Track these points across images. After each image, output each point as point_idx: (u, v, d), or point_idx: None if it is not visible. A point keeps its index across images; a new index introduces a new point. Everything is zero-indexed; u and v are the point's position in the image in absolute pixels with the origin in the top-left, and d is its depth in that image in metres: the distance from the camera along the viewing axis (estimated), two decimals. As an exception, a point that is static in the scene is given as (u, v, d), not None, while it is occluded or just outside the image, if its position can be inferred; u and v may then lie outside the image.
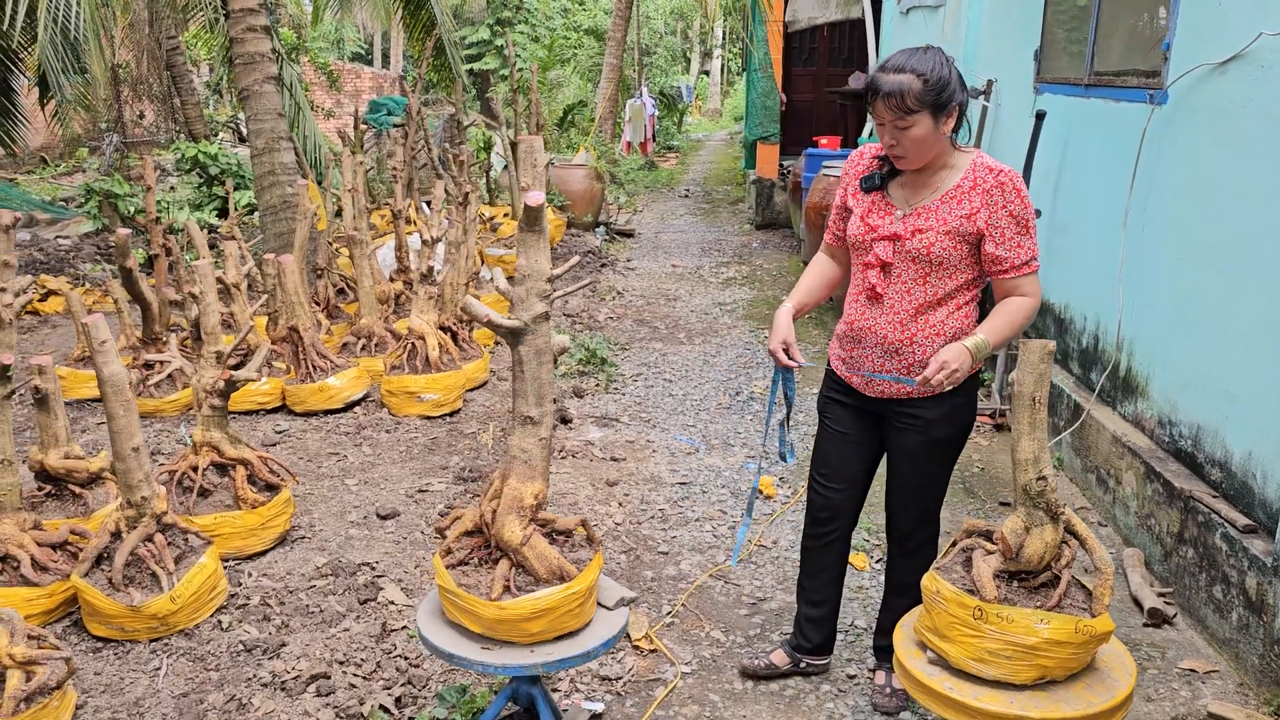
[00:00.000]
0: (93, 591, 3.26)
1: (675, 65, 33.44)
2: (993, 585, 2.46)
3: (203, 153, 12.65)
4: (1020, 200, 2.62)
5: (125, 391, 3.16)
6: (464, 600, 2.37)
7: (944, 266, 2.69)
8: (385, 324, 6.30)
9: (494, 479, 2.52)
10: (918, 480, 2.96)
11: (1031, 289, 2.70)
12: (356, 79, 23.01)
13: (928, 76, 2.52)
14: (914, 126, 2.55)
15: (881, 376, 2.83)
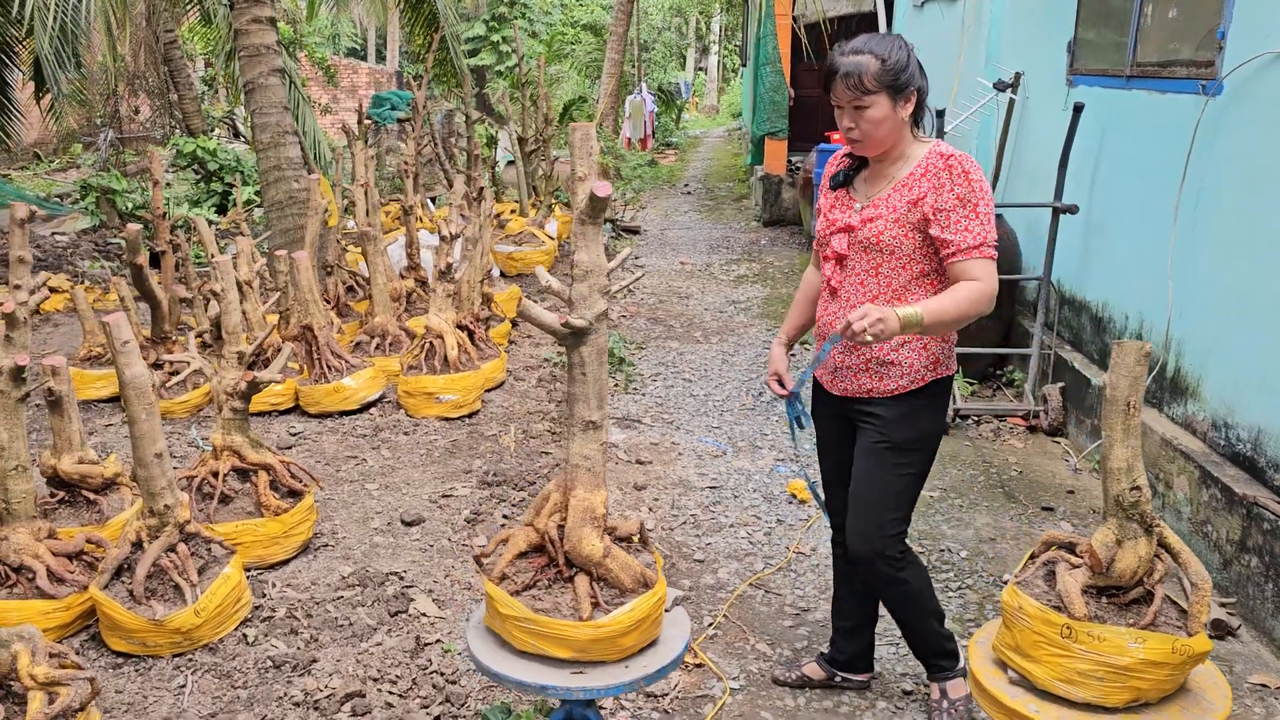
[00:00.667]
0: (113, 605, 3.10)
1: (672, 61, 33.30)
2: (1082, 602, 2.32)
3: (201, 148, 12.46)
4: (968, 182, 2.51)
5: (148, 394, 3.00)
6: (549, 626, 2.19)
7: (896, 256, 2.59)
8: (399, 322, 6.14)
9: (549, 492, 2.36)
10: (870, 487, 2.72)
11: (981, 273, 2.52)
12: (353, 74, 22.79)
13: (886, 58, 2.48)
14: (871, 108, 2.50)
15: (825, 348, 2.70)
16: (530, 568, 2.30)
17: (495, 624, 2.30)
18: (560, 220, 10.02)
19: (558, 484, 2.34)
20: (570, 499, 2.28)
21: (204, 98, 19.55)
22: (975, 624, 3.55)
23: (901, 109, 2.53)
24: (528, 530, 2.31)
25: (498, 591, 2.23)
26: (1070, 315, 5.47)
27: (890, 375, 2.67)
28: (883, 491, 2.73)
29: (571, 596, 2.25)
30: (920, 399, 2.68)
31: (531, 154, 9.95)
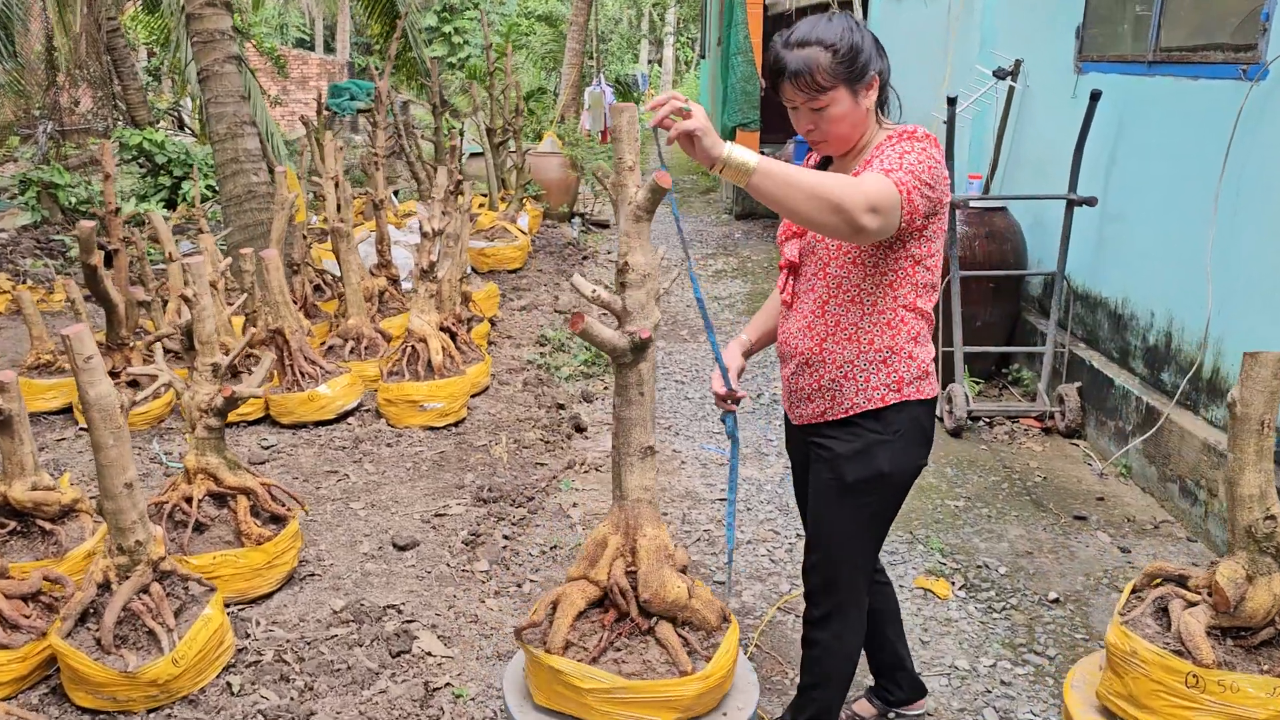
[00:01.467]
0: (78, 656, 2.71)
1: (628, 54, 32.96)
2: (1209, 646, 2.05)
3: (148, 140, 11.87)
4: (907, 136, 2.15)
5: (116, 417, 2.62)
6: (650, 690, 1.86)
7: (842, 256, 2.23)
8: (373, 324, 5.75)
9: (603, 536, 2.02)
10: (824, 531, 2.41)
11: (866, 177, 2.04)
12: (303, 65, 22.13)
13: (837, 46, 2.13)
14: (830, 105, 2.16)
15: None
16: (595, 628, 1.97)
17: (559, 701, 1.93)
18: (531, 215, 9.64)
19: (614, 525, 2.01)
20: (639, 540, 1.96)
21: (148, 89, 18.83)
22: (1028, 649, 3.30)
23: (864, 98, 2.19)
24: (583, 585, 1.96)
25: (569, 664, 1.87)
26: (1084, 312, 5.24)
27: (843, 393, 2.30)
28: (836, 536, 2.39)
29: (658, 650, 1.92)
30: (878, 429, 2.30)
31: (500, 145, 9.56)
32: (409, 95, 17.80)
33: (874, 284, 2.24)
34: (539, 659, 1.89)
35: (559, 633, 1.91)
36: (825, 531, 2.41)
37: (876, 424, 2.30)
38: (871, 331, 2.26)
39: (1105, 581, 3.72)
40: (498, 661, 3.12)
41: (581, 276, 1.96)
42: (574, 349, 6.49)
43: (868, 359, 2.28)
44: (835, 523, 2.38)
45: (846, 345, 2.28)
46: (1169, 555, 3.90)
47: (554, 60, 25.37)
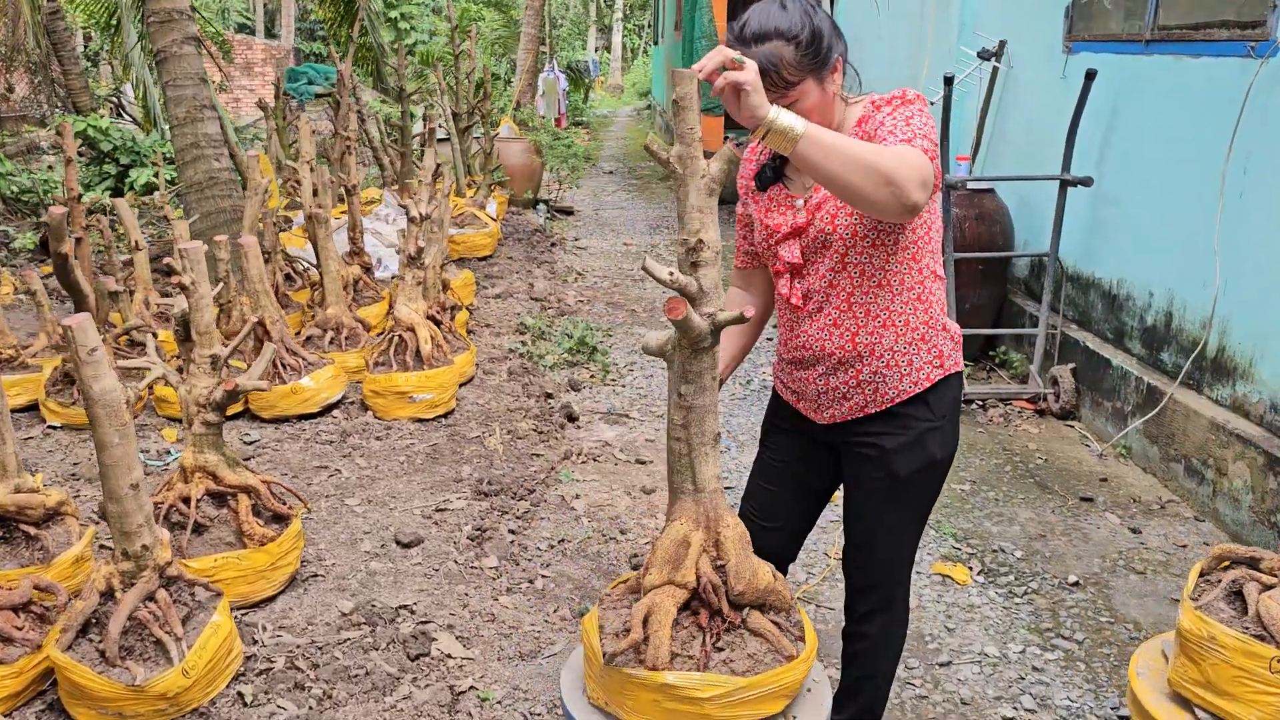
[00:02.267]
0: (80, 670, 2.54)
1: (578, 40, 32.70)
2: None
3: (92, 126, 11.43)
4: (903, 103, 2.05)
5: (122, 413, 2.44)
6: (765, 682, 1.79)
7: (860, 241, 2.08)
8: (351, 313, 5.55)
9: (685, 534, 1.90)
10: (875, 530, 2.29)
11: (906, 151, 1.90)
12: (248, 50, 21.56)
13: (799, 36, 1.98)
14: (800, 100, 2.01)
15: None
16: (689, 633, 1.85)
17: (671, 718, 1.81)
18: (499, 200, 9.46)
19: (694, 520, 1.89)
20: (722, 531, 1.86)
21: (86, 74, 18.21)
22: (1055, 634, 3.25)
23: (830, 84, 2.06)
24: (671, 591, 1.83)
25: (683, 676, 1.73)
26: (1075, 293, 5.24)
27: (887, 383, 2.17)
28: (892, 535, 2.28)
29: (755, 641, 1.84)
30: (927, 416, 2.20)
31: (465, 131, 9.35)
32: (360, 80, 17.42)
33: (899, 261, 2.11)
34: (647, 680, 1.76)
35: (662, 646, 1.77)
36: (876, 532, 2.29)
37: (924, 409, 2.20)
38: (906, 312, 2.15)
39: (1121, 563, 3.69)
40: (520, 662, 3.00)
41: (652, 260, 1.83)
42: (556, 337, 6.35)
43: (908, 341, 2.16)
44: (887, 521, 2.27)
45: (884, 333, 2.14)
46: (1180, 535, 3.90)
47: (504, 46, 25.06)
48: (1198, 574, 2.25)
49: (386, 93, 17.49)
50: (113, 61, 17.69)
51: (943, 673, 3.07)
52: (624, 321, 7.03)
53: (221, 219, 6.66)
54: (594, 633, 1.91)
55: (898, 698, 2.96)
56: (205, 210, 6.67)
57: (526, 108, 15.50)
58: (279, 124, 8.94)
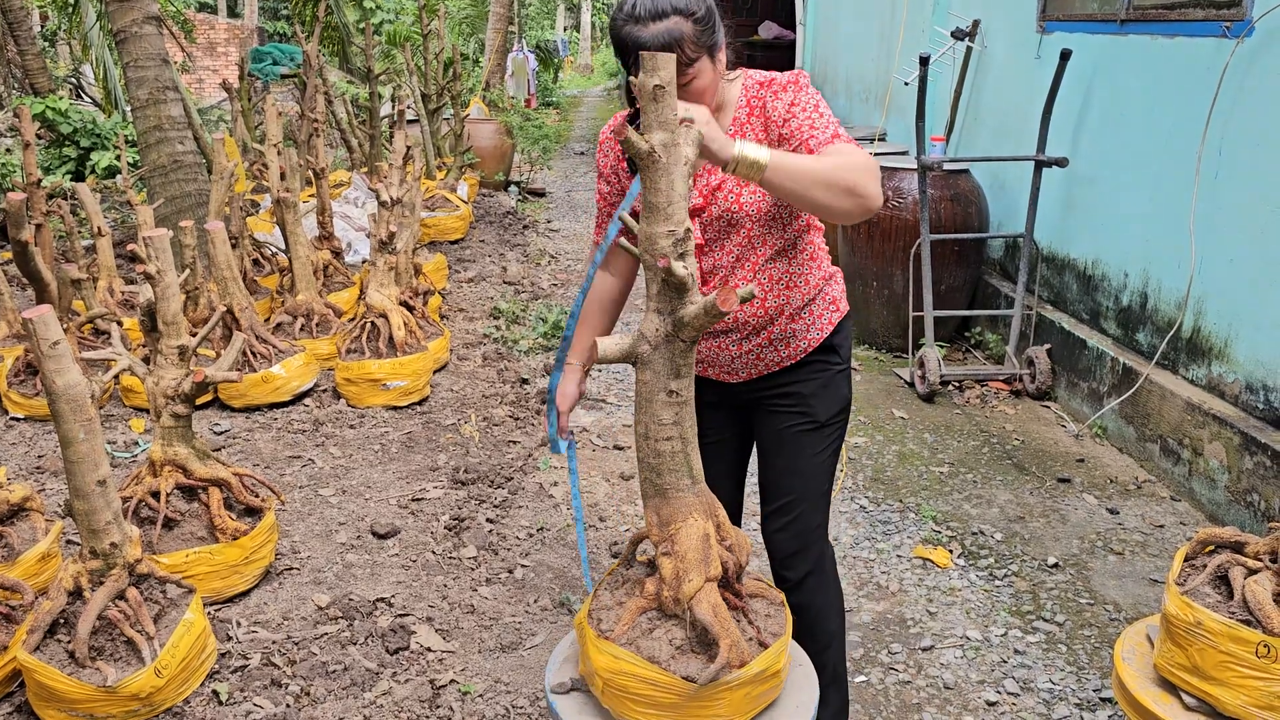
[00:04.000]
0: (49, 671, 2.47)
1: (546, 19, 32.42)
2: (1279, 615, 2.00)
3: (51, 109, 11.18)
4: (796, 89, 2.06)
5: (87, 408, 2.37)
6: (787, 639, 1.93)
7: (765, 216, 2.13)
8: (322, 299, 5.46)
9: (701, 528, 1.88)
10: (798, 480, 2.29)
11: (850, 149, 1.96)
12: (210, 30, 21.16)
13: (697, 12, 1.94)
14: (696, 78, 1.98)
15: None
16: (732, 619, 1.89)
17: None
18: (470, 183, 9.35)
19: (702, 512, 1.87)
20: (719, 514, 1.90)
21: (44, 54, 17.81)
22: (1036, 616, 3.26)
23: (719, 61, 2.03)
24: (711, 588, 1.84)
25: (768, 656, 1.81)
26: (1050, 274, 5.24)
27: (796, 337, 2.23)
28: (816, 482, 2.31)
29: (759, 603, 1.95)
30: (836, 360, 2.29)
31: (435, 112, 9.23)
32: (326, 61, 17.16)
33: (795, 228, 2.19)
34: (738, 679, 1.77)
35: (740, 642, 1.79)
36: (801, 482, 2.29)
37: (832, 354, 2.29)
38: (805, 270, 2.23)
39: (1100, 544, 3.71)
40: (501, 654, 2.96)
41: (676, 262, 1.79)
42: (530, 321, 6.29)
43: (809, 297, 2.25)
44: (811, 467, 2.28)
45: (790, 294, 2.21)
46: (1156, 515, 3.92)
47: (472, 26, 24.78)
48: (1182, 558, 2.25)
49: (353, 73, 17.25)
50: (71, 41, 17.31)
51: (925, 657, 3.07)
52: (598, 305, 6.97)
53: (187, 203, 6.53)
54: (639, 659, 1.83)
55: (881, 683, 2.95)
56: (170, 194, 6.54)
57: (496, 88, 15.33)
58: (244, 106, 8.78)
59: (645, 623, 1.88)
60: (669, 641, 1.84)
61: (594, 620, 1.90)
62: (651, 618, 1.88)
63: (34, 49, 13.35)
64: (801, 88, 2.07)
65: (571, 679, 1.97)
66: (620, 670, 1.79)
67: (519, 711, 2.70)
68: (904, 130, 6.75)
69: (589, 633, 1.85)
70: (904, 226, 5.47)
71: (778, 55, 12.22)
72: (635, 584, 1.97)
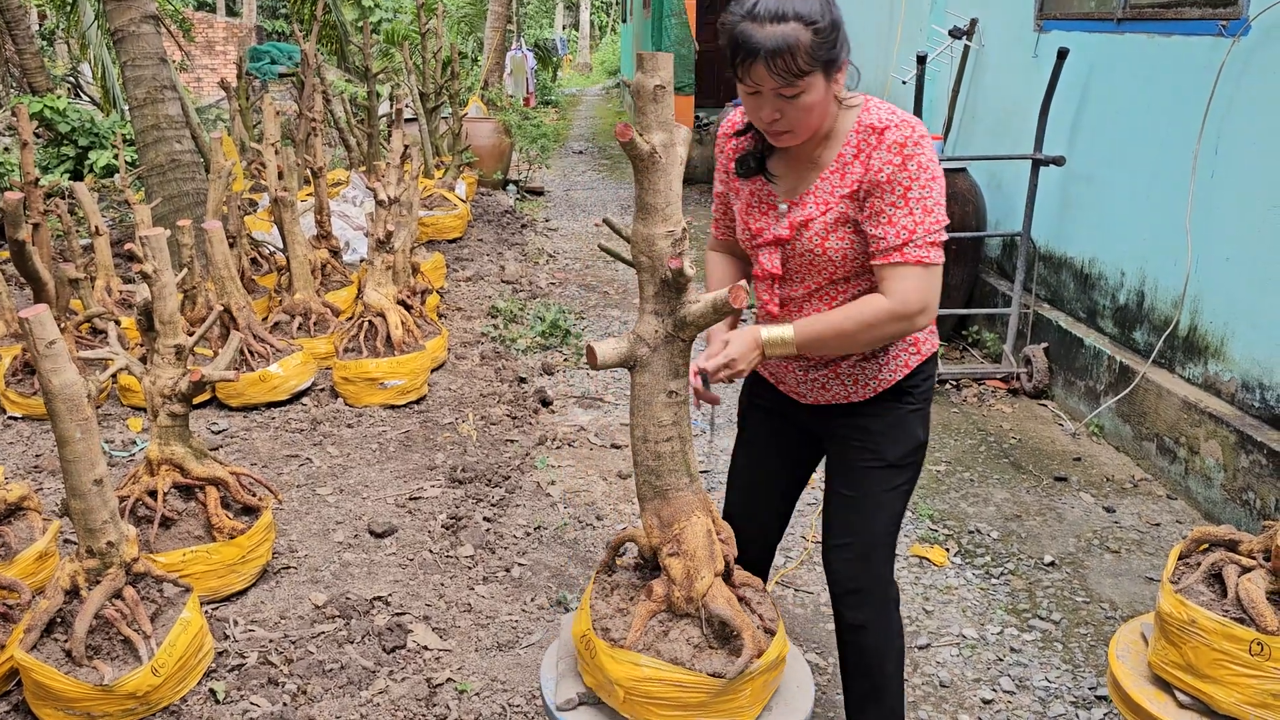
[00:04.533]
0: (46, 670, 2.48)
1: (545, 18, 32.41)
2: (1272, 613, 2.00)
3: (49, 108, 11.18)
4: (903, 159, 1.94)
5: (83, 408, 2.37)
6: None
7: (848, 260, 2.05)
8: (319, 298, 5.47)
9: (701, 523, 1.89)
10: (862, 515, 2.24)
11: (898, 285, 1.94)
12: (209, 29, 21.16)
13: (819, 22, 1.85)
14: (804, 93, 1.89)
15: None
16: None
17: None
18: (468, 182, 9.35)
19: (700, 510, 1.88)
20: (713, 508, 1.90)
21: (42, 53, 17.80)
22: (1032, 614, 3.26)
23: (835, 85, 1.94)
24: (720, 582, 1.85)
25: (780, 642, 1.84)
26: (1047, 272, 5.25)
27: (866, 374, 2.17)
28: (878, 520, 2.23)
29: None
30: (910, 401, 2.20)
31: (433, 111, 9.23)
32: (324, 59, 17.16)
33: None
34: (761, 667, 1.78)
35: (758, 633, 1.81)
36: (862, 518, 2.23)
37: (906, 396, 2.19)
38: None
39: (1096, 543, 3.71)
40: (498, 653, 2.96)
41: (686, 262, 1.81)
42: (528, 320, 6.29)
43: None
44: (875, 504, 2.22)
45: None
46: (1153, 514, 3.92)
47: (471, 25, 24.77)
48: (1177, 557, 2.26)
49: (352, 72, 17.26)
50: (69, 40, 17.32)
51: (921, 655, 3.07)
52: (596, 304, 6.97)
53: (184, 202, 6.54)
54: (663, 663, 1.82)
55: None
56: (168, 194, 6.55)
57: (494, 87, 15.34)
58: (242, 105, 8.78)
59: (657, 626, 1.88)
60: (687, 641, 1.84)
61: (600, 631, 1.88)
62: (662, 620, 1.88)
63: (32, 48, 13.35)
64: (911, 158, 1.95)
65: (579, 693, 1.95)
66: (644, 677, 1.78)
67: (515, 710, 2.70)
68: (902, 129, 6.74)
69: (600, 644, 1.83)
70: (901, 225, 5.47)
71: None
72: (631, 589, 1.97)
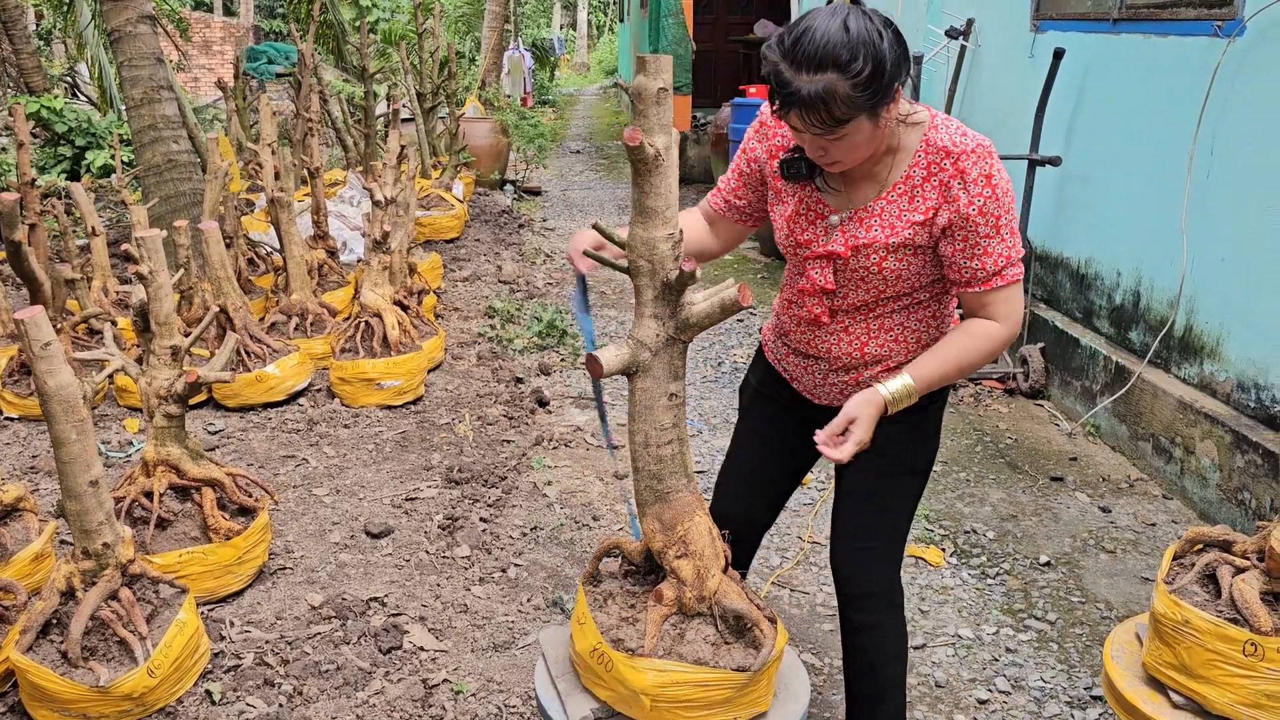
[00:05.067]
0: (42, 672, 2.48)
1: (543, 17, 32.38)
2: (1266, 613, 2.01)
3: (46, 108, 11.17)
4: (989, 187, 1.92)
5: (79, 409, 2.37)
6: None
7: (903, 280, 2.04)
8: (316, 298, 5.46)
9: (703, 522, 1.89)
10: (871, 515, 2.24)
11: (1005, 309, 1.99)
12: (206, 29, 21.15)
13: (859, 71, 1.76)
14: (847, 136, 1.84)
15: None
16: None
17: None
18: (465, 182, 9.35)
19: (700, 509, 1.89)
20: (703, 502, 1.91)
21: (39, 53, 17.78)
22: (1028, 615, 3.27)
23: (886, 117, 1.86)
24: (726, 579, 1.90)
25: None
26: (1044, 272, 5.25)
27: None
28: (886, 520, 2.24)
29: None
30: (928, 408, 2.17)
31: (430, 111, 9.23)
32: (321, 59, 17.15)
33: (930, 293, 2.10)
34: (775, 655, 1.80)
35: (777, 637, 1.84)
36: (869, 520, 2.23)
37: (920, 411, 2.14)
38: (920, 327, 2.12)
39: (1092, 543, 3.72)
40: (494, 654, 2.96)
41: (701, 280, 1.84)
42: (525, 320, 6.29)
43: (914, 352, 2.13)
44: (883, 506, 2.22)
45: (895, 346, 2.12)
46: (1148, 514, 3.93)
47: (468, 24, 24.76)
48: (1171, 557, 2.26)
49: (349, 72, 17.23)
50: (66, 40, 17.29)
51: (917, 656, 3.07)
52: (594, 304, 6.97)
53: (181, 203, 6.53)
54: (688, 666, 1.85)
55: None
56: (164, 194, 6.54)
57: (492, 87, 15.34)
58: (239, 105, 8.78)
59: (670, 629, 1.88)
60: (704, 640, 1.85)
61: (613, 643, 1.86)
62: (674, 623, 1.88)
63: (29, 47, 13.35)
64: (995, 186, 1.93)
65: (593, 710, 1.93)
66: (670, 682, 1.78)
67: (511, 711, 2.71)
68: (898, 129, 6.75)
69: (618, 657, 1.82)
70: (898, 225, 5.48)
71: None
72: (629, 596, 1.96)
